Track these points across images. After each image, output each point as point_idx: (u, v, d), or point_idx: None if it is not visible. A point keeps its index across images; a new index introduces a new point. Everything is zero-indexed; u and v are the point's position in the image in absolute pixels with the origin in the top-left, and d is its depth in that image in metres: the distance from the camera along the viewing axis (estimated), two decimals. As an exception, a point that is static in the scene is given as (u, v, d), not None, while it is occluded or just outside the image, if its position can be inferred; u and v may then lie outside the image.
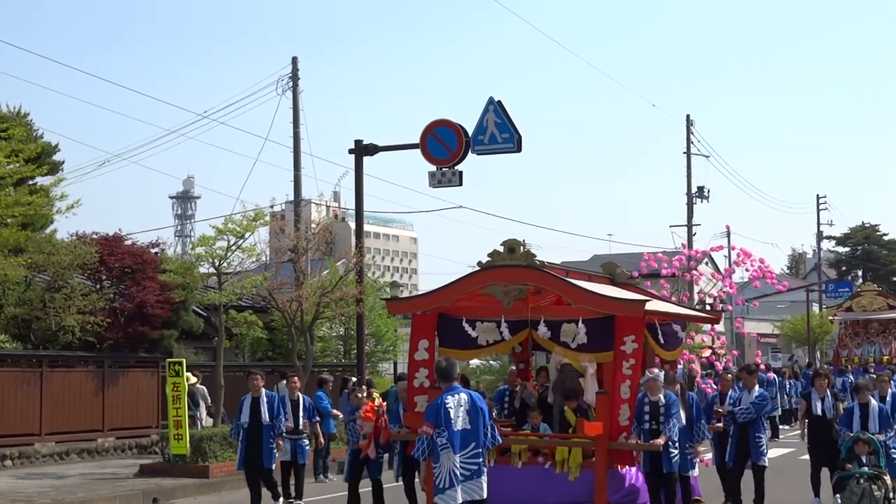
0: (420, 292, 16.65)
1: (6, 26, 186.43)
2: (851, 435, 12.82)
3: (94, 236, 23.65)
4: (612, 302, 11.33)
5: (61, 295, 21.53)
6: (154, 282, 23.42)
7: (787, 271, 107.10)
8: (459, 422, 8.96)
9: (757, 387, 13.83)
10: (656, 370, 11.99)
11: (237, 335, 26.13)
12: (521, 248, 11.65)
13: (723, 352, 23.54)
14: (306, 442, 15.65)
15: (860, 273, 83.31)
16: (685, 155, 49.16)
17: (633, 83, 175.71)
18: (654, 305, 12.09)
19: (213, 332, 23.69)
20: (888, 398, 14.06)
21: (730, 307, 50.93)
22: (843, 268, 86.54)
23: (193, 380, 20.48)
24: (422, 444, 9.18)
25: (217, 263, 21.62)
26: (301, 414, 15.47)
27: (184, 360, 19.10)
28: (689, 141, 49.23)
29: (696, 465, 13.14)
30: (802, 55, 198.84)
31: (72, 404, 21.11)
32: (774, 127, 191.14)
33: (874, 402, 13.37)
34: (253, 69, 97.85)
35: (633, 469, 11.63)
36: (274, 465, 14.08)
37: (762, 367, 30.69)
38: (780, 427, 27.97)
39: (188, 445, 18.01)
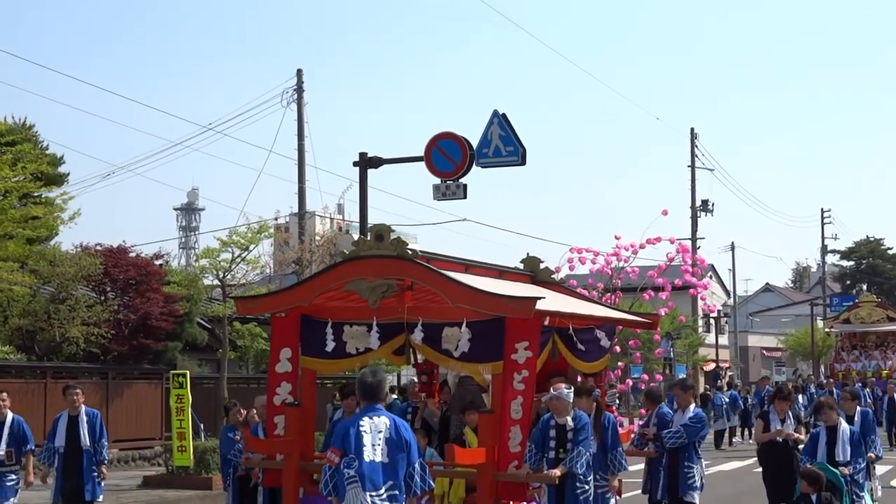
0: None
1: (11, 37, 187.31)
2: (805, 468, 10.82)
3: (99, 248, 23.73)
4: (496, 300, 9.08)
5: (66, 306, 21.58)
6: (158, 293, 23.47)
7: (792, 285, 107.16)
8: (377, 452, 7.34)
9: (692, 406, 11.66)
10: (563, 386, 9.79)
11: (241, 347, 26.17)
12: (391, 234, 9.68)
13: (727, 365, 23.35)
14: (13, 478, 12.26)
15: (864, 287, 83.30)
16: (689, 168, 49.27)
17: (634, 93, 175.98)
18: (564, 306, 10.30)
19: (217, 344, 23.73)
20: (856, 418, 12.53)
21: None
22: (848, 282, 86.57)
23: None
24: (325, 476, 7.51)
25: (221, 275, 21.71)
26: (4, 438, 12.05)
27: (187, 372, 19.11)
28: (693, 154, 49.34)
29: (613, 501, 10.64)
30: (804, 62, 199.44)
31: (75, 415, 21.09)
32: (778, 138, 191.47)
33: (845, 425, 11.49)
34: (258, 81, 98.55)
35: None
36: (101, 498, 12.21)
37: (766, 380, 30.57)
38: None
39: (192, 457, 18.02)
